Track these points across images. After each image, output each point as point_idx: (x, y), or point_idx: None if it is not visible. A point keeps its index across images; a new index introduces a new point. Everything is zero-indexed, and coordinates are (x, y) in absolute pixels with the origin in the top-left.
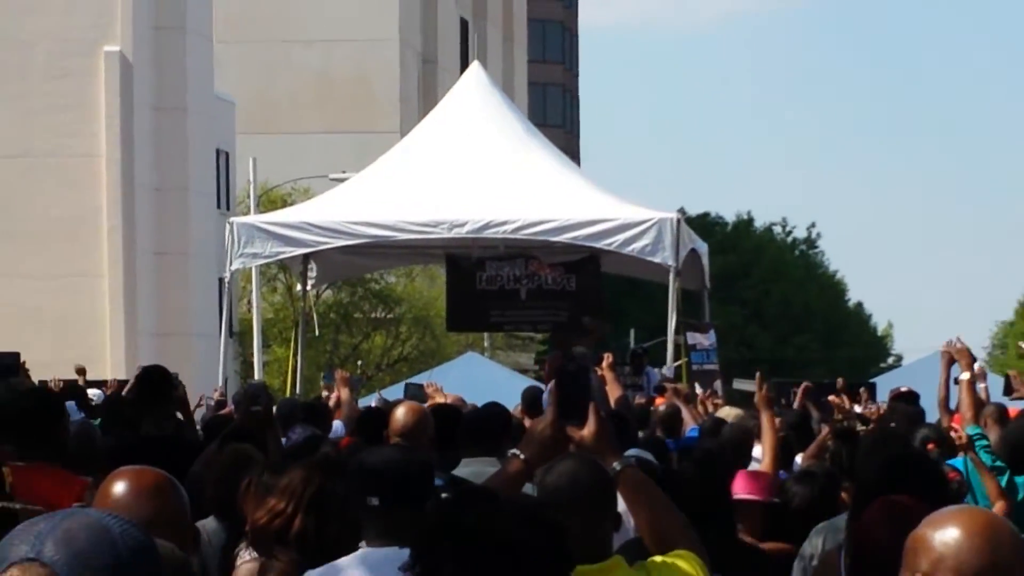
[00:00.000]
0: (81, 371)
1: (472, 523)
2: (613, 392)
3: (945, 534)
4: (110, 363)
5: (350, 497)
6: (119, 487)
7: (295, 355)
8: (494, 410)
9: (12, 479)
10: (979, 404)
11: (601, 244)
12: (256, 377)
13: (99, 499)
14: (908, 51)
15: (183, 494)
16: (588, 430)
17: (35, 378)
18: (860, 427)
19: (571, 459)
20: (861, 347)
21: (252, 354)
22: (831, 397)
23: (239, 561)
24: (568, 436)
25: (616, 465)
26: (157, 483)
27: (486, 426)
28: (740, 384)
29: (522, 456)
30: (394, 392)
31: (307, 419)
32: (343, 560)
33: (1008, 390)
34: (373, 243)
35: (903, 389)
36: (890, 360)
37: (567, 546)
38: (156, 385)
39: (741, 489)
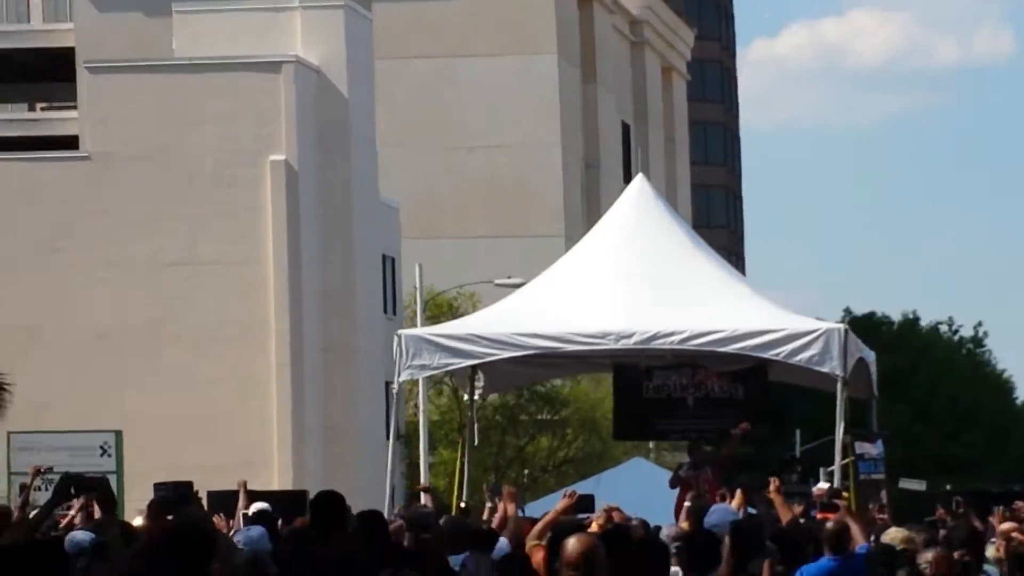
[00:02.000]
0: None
1: None
2: (784, 515)
3: None
4: (277, 464)
5: None
6: None
7: (462, 459)
8: (661, 541)
9: None
10: None
11: (769, 354)
12: (422, 478)
13: None
14: None
15: None
16: None
17: (208, 481)
18: None
19: None
20: None
21: (418, 456)
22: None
23: None
24: None
25: None
26: None
27: (655, 555)
28: (907, 484)
29: None
30: (541, 507)
31: (474, 543)
32: None
33: None
34: (541, 354)
35: None
36: None
37: None
38: (332, 511)
39: None
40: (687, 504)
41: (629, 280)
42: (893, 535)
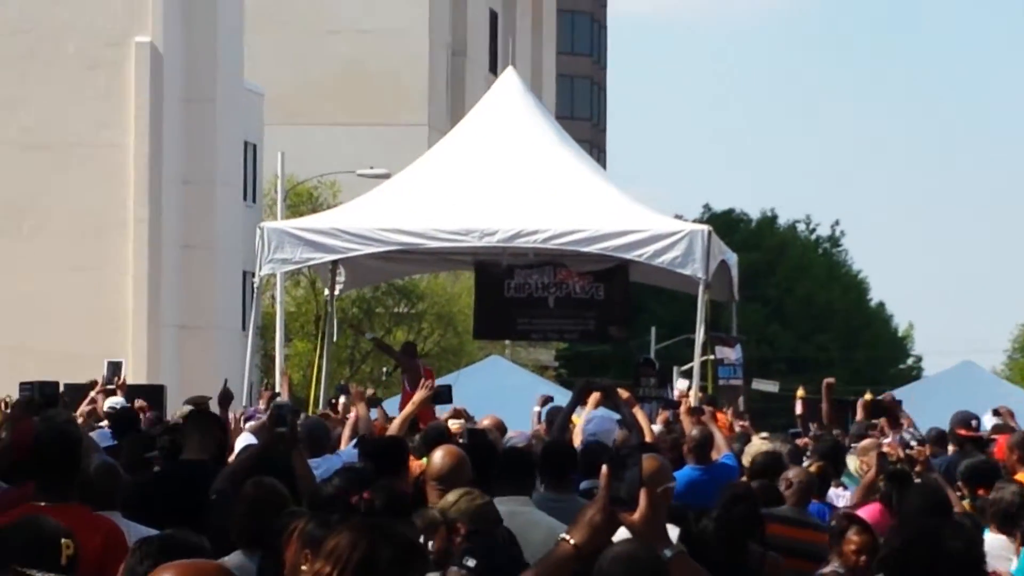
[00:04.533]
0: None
1: None
2: (647, 433)
3: None
4: (131, 356)
5: (397, 560)
6: None
7: (320, 356)
8: (525, 452)
9: (71, 551)
10: None
11: (632, 255)
12: (277, 371)
13: None
14: (935, 50)
15: None
16: (640, 515)
17: (63, 372)
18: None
19: (626, 545)
20: (882, 347)
21: (274, 348)
22: (887, 442)
23: None
24: (618, 521)
25: (667, 552)
26: None
27: (519, 466)
28: (760, 384)
29: (572, 541)
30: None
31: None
32: None
33: None
34: (403, 250)
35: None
36: (910, 361)
37: None
38: (201, 419)
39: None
40: (539, 409)
41: (493, 177)
42: (758, 447)
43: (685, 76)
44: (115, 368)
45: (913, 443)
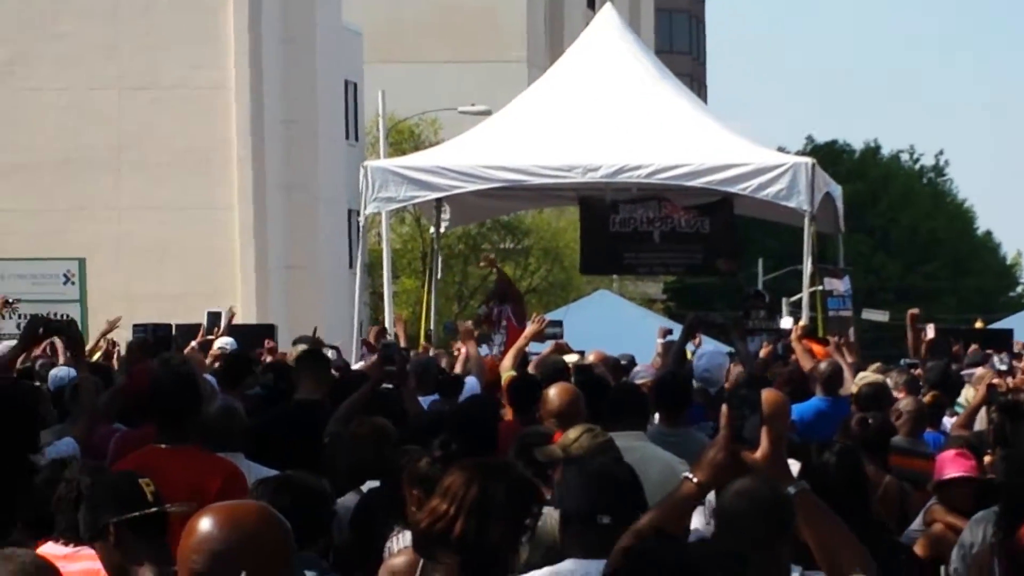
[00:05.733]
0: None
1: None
2: (805, 364)
3: None
4: (240, 296)
5: (511, 498)
6: (207, 527)
7: (428, 293)
8: (637, 386)
9: (154, 488)
10: None
11: (736, 188)
12: (386, 309)
13: (187, 531)
14: None
15: (285, 537)
16: (762, 453)
17: (166, 311)
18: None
19: (750, 482)
20: (990, 276)
21: (382, 286)
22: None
23: (395, 548)
24: (742, 459)
25: (791, 489)
26: (253, 523)
27: (632, 401)
28: (869, 314)
29: (695, 479)
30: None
31: (440, 391)
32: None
33: None
34: (506, 186)
35: None
36: (1019, 289)
37: None
38: (314, 359)
39: (955, 468)
40: (661, 341)
41: (594, 113)
42: (872, 378)
43: (785, 7)
44: (214, 318)
45: (1001, 368)
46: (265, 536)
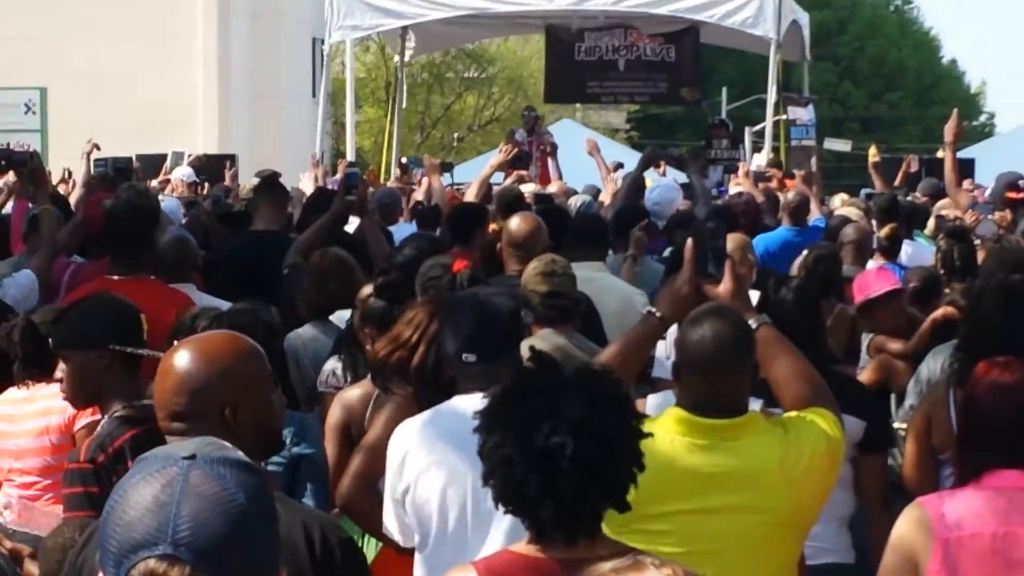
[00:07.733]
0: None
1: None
2: (758, 196)
3: None
4: (202, 125)
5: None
6: (184, 361)
7: (391, 122)
8: (598, 217)
9: (146, 326)
10: None
11: (702, 16)
12: (348, 138)
13: (162, 372)
14: None
15: (261, 363)
16: (725, 287)
17: (136, 145)
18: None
19: (714, 315)
20: (954, 104)
21: (344, 115)
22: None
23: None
24: (705, 293)
25: (753, 322)
26: (232, 352)
27: (592, 232)
28: (832, 143)
29: (658, 314)
30: (470, 169)
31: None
32: (444, 406)
33: None
34: (472, 14)
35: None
36: (982, 118)
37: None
38: (271, 188)
39: (881, 284)
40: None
41: None
42: (848, 211)
43: None
44: (178, 158)
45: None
46: (243, 366)
